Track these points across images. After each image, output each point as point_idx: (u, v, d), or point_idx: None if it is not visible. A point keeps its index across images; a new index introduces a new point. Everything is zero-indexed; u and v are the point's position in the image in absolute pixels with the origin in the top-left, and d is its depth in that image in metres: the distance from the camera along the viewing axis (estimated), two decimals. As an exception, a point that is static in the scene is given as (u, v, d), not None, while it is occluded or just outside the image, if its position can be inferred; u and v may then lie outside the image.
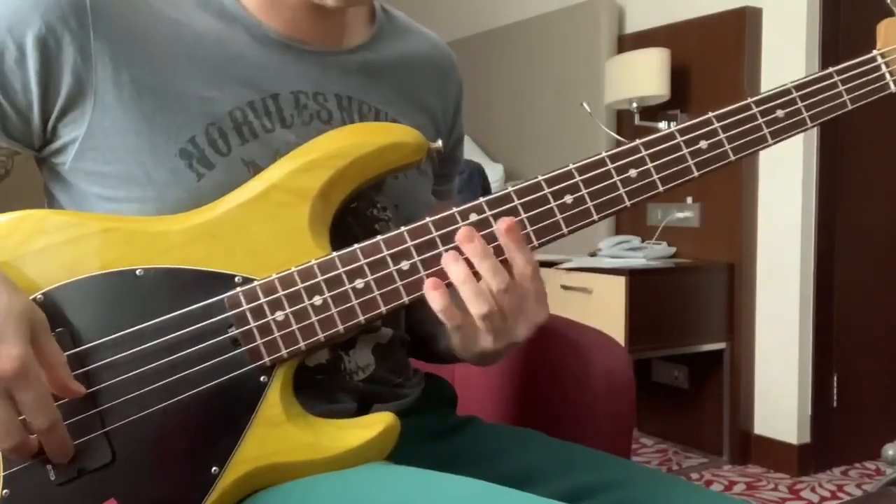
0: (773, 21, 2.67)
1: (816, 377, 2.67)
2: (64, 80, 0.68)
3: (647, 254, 2.73)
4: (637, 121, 2.87)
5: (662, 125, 2.90)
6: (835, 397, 2.72)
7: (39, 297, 0.64)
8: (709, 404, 2.86)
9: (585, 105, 2.93)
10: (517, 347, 0.71)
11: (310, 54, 0.77)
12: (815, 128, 0.74)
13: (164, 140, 0.69)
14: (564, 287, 2.68)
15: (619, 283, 2.52)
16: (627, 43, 3.05)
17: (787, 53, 2.62)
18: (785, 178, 2.62)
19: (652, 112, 2.90)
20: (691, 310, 2.70)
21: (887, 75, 0.77)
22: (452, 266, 0.66)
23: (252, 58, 0.75)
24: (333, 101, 0.78)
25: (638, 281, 2.54)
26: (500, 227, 0.67)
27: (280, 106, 0.75)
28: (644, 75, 2.74)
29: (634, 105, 2.82)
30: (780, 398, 2.70)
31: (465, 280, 0.66)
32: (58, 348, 0.61)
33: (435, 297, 0.66)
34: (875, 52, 0.77)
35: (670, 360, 2.97)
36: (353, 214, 0.76)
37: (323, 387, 0.75)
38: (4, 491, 0.62)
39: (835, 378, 2.72)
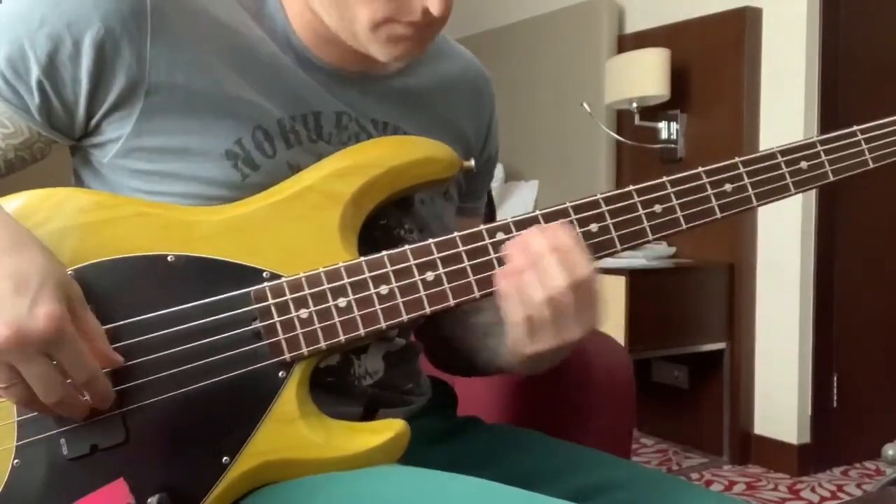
0: (773, 21, 2.67)
1: (816, 377, 2.67)
2: (116, 82, 0.69)
3: (647, 254, 2.73)
4: (637, 121, 2.87)
5: (662, 125, 2.91)
6: (835, 397, 2.72)
7: (70, 272, 0.65)
8: (709, 404, 2.86)
9: (585, 105, 2.93)
10: (563, 353, 0.72)
11: (352, 81, 0.79)
12: (816, 127, 0.76)
13: (211, 140, 0.70)
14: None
15: (619, 283, 2.52)
16: (627, 43, 3.05)
17: (787, 53, 2.62)
18: (785, 178, 2.62)
19: (652, 112, 2.90)
20: (691, 310, 2.70)
21: None
22: (518, 252, 0.68)
23: (299, 77, 0.76)
24: (371, 126, 0.79)
25: (638, 281, 2.54)
26: (554, 225, 0.69)
27: (321, 124, 0.76)
28: (644, 75, 2.74)
29: (634, 105, 2.82)
30: (780, 398, 2.70)
31: (531, 265, 0.67)
32: (95, 319, 0.62)
33: (504, 285, 0.68)
34: None
35: (670, 360, 2.97)
36: (380, 230, 0.77)
37: (332, 388, 0.75)
38: (15, 461, 0.63)
39: (835, 378, 2.72)
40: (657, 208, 0.72)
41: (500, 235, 0.70)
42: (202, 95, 0.70)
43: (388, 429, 0.68)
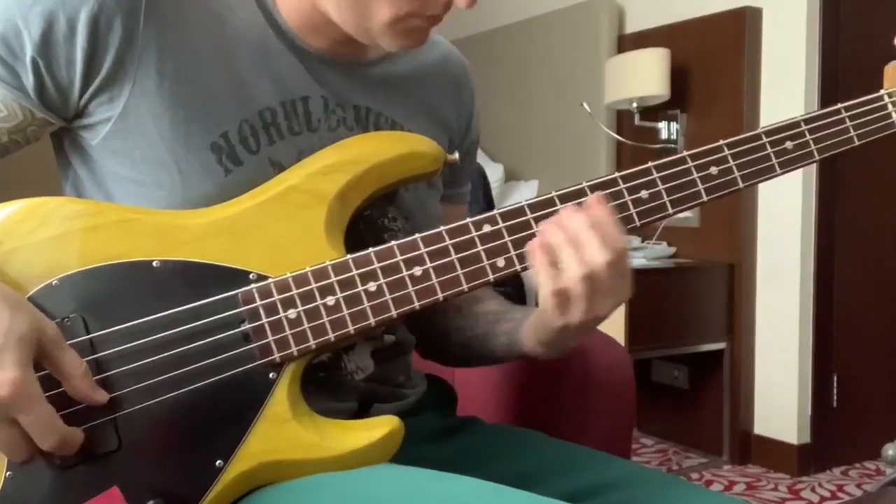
0: (773, 21, 2.67)
1: (816, 377, 2.67)
2: (107, 60, 0.68)
3: (647, 254, 2.73)
4: (637, 121, 2.87)
5: (662, 125, 2.91)
6: (835, 397, 2.72)
7: (55, 282, 0.64)
8: (709, 404, 2.86)
9: (585, 105, 2.93)
10: (587, 332, 0.73)
11: (337, 65, 0.79)
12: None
13: (197, 131, 0.70)
14: (564, 287, 2.68)
15: (619, 283, 2.52)
16: (627, 43, 3.05)
17: (787, 53, 2.62)
18: (785, 178, 2.62)
19: (652, 112, 2.90)
20: (691, 310, 2.70)
21: (893, 114, 0.79)
22: (554, 228, 0.67)
23: (286, 61, 0.76)
24: (352, 112, 0.79)
25: (638, 281, 2.49)
26: (593, 201, 0.69)
27: (309, 109, 0.76)
28: (644, 75, 2.74)
29: (634, 105, 2.82)
30: (780, 398, 2.70)
31: (569, 241, 0.67)
32: (75, 358, 0.61)
33: (539, 258, 0.67)
34: (882, 91, 0.80)
35: (670, 360, 2.97)
36: (364, 222, 0.77)
37: (325, 384, 0.75)
38: (7, 473, 0.62)
39: (835, 378, 2.72)
40: (643, 194, 0.72)
41: (486, 228, 0.70)
42: (190, 83, 0.70)
43: (381, 426, 0.67)
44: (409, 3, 0.69)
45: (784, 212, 2.64)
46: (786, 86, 2.63)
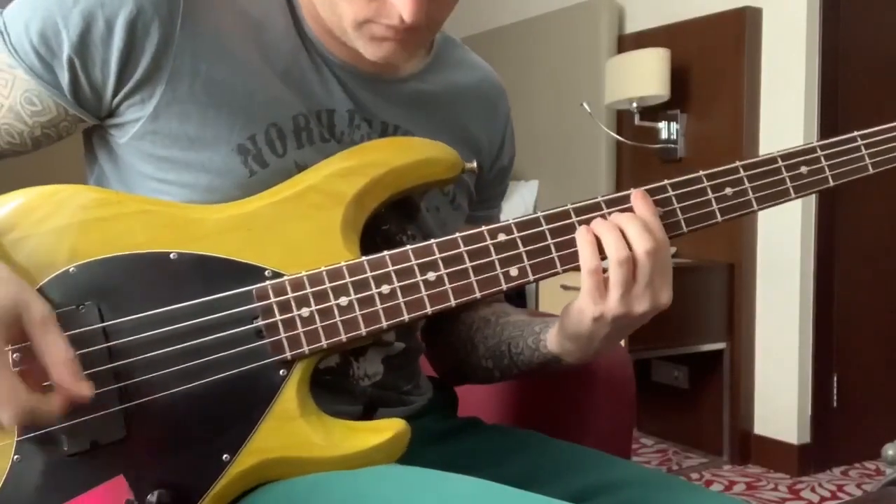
0: (773, 21, 2.67)
1: (816, 377, 2.67)
2: (141, 63, 0.69)
3: (647, 254, 2.73)
4: (637, 121, 2.87)
5: (662, 125, 2.91)
6: (835, 397, 2.73)
7: (72, 269, 0.65)
8: (709, 404, 2.86)
9: (585, 105, 2.93)
10: (625, 333, 0.74)
11: (364, 80, 0.79)
12: (815, 127, 0.76)
13: (225, 133, 0.71)
14: (564, 287, 2.68)
15: (619, 283, 2.52)
16: (627, 43, 3.05)
17: (787, 53, 2.62)
18: (785, 178, 2.62)
19: (652, 112, 2.90)
20: (691, 310, 2.71)
21: None
22: (600, 220, 0.70)
23: (317, 73, 0.77)
24: (379, 127, 0.80)
25: (638, 281, 2.53)
26: (637, 194, 0.71)
27: (334, 122, 0.77)
28: (644, 75, 2.74)
29: (634, 105, 2.82)
30: (779, 398, 2.70)
31: (611, 228, 0.69)
32: (59, 343, 0.58)
33: (584, 236, 0.70)
34: None
35: (670, 360, 2.97)
36: (382, 236, 0.78)
37: (331, 387, 0.75)
38: (15, 456, 0.63)
39: (835, 378, 2.72)
40: (658, 212, 0.73)
41: (501, 237, 0.70)
42: (222, 87, 0.71)
43: (388, 428, 0.68)
44: (366, 9, 0.69)
45: (784, 212, 2.64)
46: (786, 86, 2.63)
